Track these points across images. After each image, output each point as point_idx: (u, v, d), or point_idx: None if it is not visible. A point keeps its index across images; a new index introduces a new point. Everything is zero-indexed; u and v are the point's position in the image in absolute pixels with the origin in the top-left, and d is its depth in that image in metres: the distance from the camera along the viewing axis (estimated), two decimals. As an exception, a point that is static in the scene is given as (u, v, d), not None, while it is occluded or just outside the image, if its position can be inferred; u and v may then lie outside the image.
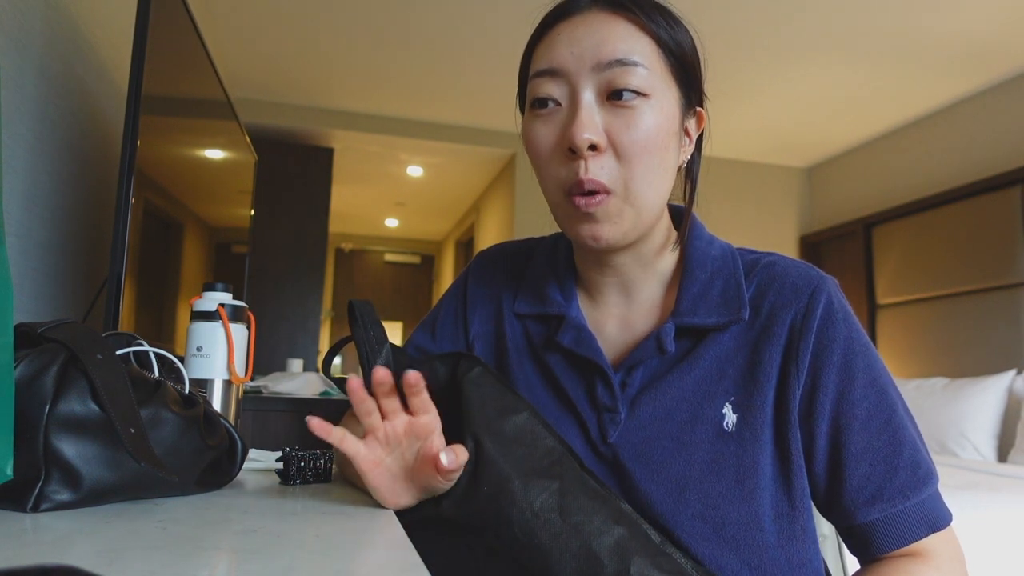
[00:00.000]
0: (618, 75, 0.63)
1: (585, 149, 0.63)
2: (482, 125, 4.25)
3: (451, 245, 6.55)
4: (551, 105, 0.66)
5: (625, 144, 0.63)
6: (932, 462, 0.67)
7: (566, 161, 0.65)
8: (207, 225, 1.58)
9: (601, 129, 0.63)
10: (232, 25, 3.12)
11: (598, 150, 0.64)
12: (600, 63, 0.63)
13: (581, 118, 0.63)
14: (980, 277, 3.32)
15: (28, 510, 0.52)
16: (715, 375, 0.68)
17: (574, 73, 0.64)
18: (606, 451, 0.70)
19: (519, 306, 0.78)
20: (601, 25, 0.65)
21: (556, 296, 0.76)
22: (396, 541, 0.51)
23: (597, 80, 0.64)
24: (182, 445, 0.63)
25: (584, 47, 0.64)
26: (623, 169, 0.64)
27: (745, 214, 4.49)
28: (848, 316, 0.68)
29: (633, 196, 0.65)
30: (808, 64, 3.29)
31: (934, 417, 3.02)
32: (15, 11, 1.04)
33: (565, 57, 0.65)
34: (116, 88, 1.49)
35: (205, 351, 0.86)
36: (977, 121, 3.52)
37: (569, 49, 0.65)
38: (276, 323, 3.87)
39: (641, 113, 0.64)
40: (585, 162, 0.63)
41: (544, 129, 0.67)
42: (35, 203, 1.12)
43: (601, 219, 0.65)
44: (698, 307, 0.69)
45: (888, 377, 0.67)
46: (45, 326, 0.59)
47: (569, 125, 0.64)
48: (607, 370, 0.70)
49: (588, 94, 0.64)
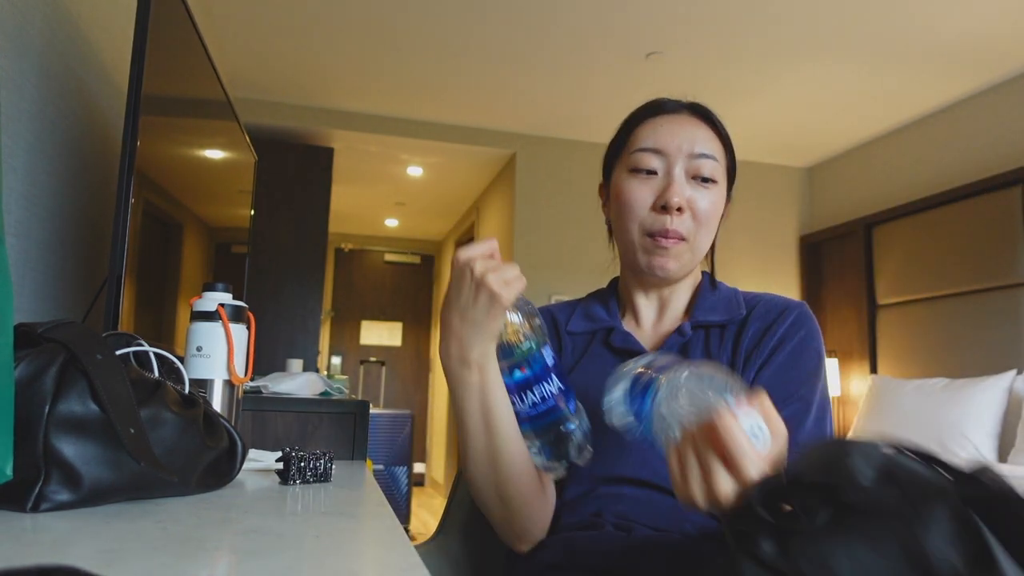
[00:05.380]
0: (703, 164, 0.89)
1: (675, 209, 0.87)
2: (482, 125, 4.25)
3: (451, 245, 6.55)
4: (651, 172, 0.90)
5: (699, 212, 0.89)
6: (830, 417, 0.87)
7: (656, 214, 0.89)
8: (207, 225, 1.58)
9: (685, 197, 0.88)
10: (232, 25, 3.12)
11: (681, 212, 0.88)
12: (693, 153, 0.89)
13: (676, 188, 0.88)
14: (980, 277, 3.32)
15: (28, 510, 0.52)
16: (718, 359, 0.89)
17: (673, 155, 0.89)
18: None
19: (572, 326, 0.99)
20: (694, 128, 0.91)
21: (603, 316, 0.98)
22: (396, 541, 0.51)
23: (687, 164, 0.89)
24: (182, 445, 0.63)
25: (682, 139, 0.90)
26: (695, 228, 0.89)
27: (745, 214, 4.48)
28: (812, 327, 0.89)
29: (696, 247, 0.90)
30: (808, 64, 3.29)
31: (934, 417, 3.02)
32: (15, 11, 1.04)
33: (668, 142, 0.90)
34: (116, 88, 1.49)
35: (205, 351, 0.86)
36: (977, 121, 3.52)
37: (671, 138, 0.90)
38: (276, 323, 3.87)
39: (712, 193, 0.90)
40: (671, 218, 0.87)
41: (643, 189, 0.90)
42: (35, 203, 1.12)
43: (672, 256, 0.89)
44: (709, 313, 0.93)
45: (822, 380, 0.87)
46: (45, 326, 0.59)
47: (667, 189, 0.88)
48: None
49: (680, 171, 0.89)
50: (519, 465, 0.81)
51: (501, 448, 0.80)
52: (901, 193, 3.89)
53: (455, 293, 0.75)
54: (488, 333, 0.75)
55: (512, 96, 3.78)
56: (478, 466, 0.82)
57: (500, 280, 0.73)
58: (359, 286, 6.97)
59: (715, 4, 2.81)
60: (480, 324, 0.74)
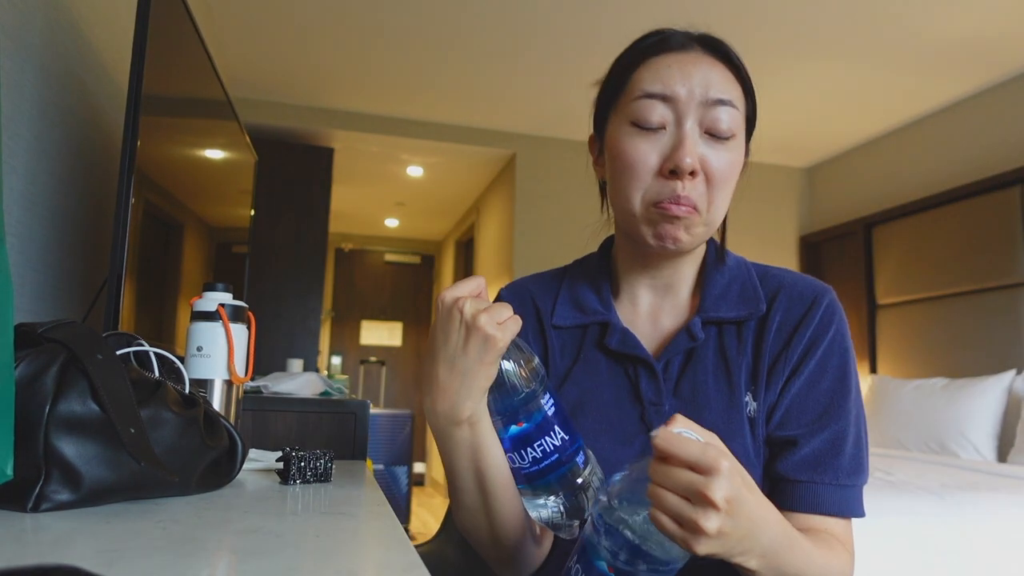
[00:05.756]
0: (721, 114, 0.73)
1: (687, 173, 0.72)
2: (482, 125, 4.25)
3: (451, 245, 6.55)
4: (657, 126, 0.74)
5: (715, 173, 0.74)
6: (866, 462, 0.76)
7: (663, 180, 0.73)
8: (207, 225, 1.58)
9: (698, 157, 0.73)
10: (232, 25, 3.12)
11: (694, 176, 0.73)
12: (708, 99, 0.73)
13: (688, 145, 0.72)
14: (980, 277, 3.32)
15: (28, 510, 0.52)
16: (736, 365, 0.77)
17: (684, 102, 0.73)
18: None
19: (558, 319, 0.84)
20: (708, 67, 0.75)
21: (596, 306, 0.84)
22: (396, 541, 0.51)
23: (701, 114, 0.73)
24: (182, 445, 0.63)
25: (694, 82, 0.74)
26: (709, 194, 0.74)
27: (745, 214, 4.47)
28: (840, 322, 0.78)
29: (710, 217, 0.75)
30: (808, 64, 3.29)
31: (934, 417, 3.02)
32: (15, 11, 1.04)
33: (677, 86, 0.74)
34: (116, 88, 1.49)
35: (205, 351, 0.86)
36: (977, 121, 3.52)
37: (681, 80, 0.74)
38: (276, 323, 3.87)
39: (730, 148, 0.75)
40: (683, 183, 0.72)
41: (647, 146, 0.74)
42: (35, 203, 1.12)
43: (681, 226, 0.74)
44: (720, 304, 0.79)
45: (854, 380, 0.77)
46: (45, 326, 0.59)
47: (677, 149, 0.72)
48: (652, 363, 0.78)
49: (692, 123, 0.73)
50: (515, 520, 0.74)
51: (495, 508, 0.72)
52: (901, 193, 3.89)
53: (442, 339, 0.65)
54: (481, 384, 0.65)
55: (512, 96, 3.78)
56: (470, 518, 0.75)
57: (494, 321, 0.64)
58: (359, 286, 6.97)
59: (715, 4, 2.81)
60: (472, 373, 0.64)
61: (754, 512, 0.57)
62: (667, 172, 0.73)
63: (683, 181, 0.72)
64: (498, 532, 0.74)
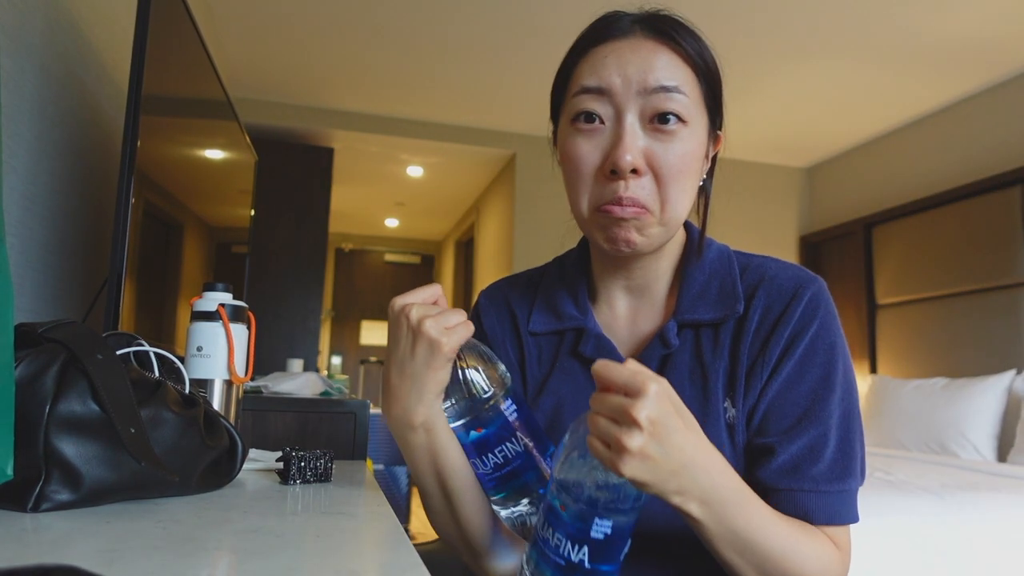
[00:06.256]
0: (662, 101, 0.67)
1: (628, 172, 0.67)
2: (482, 125, 4.25)
3: (451, 245, 6.55)
4: (596, 122, 0.70)
5: (664, 169, 0.68)
6: (860, 463, 0.70)
7: (605, 180, 0.69)
8: (207, 225, 1.58)
9: (642, 152, 0.68)
10: (232, 25, 3.12)
11: (638, 173, 0.68)
12: (646, 88, 0.68)
13: (626, 142, 0.67)
14: (980, 277, 3.32)
15: (28, 510, 0.52)
16: (713, 370, 0.73)
17: (621, 95, 0.68)
18: None
19: (534, 325, 0.82)
20: (649, 52, 0.69)
21: (571, 311, 0.80)
22: (396, 541, 0.51)
23: (642, 104, 0.68)
24: (182, 445, 0.63)
25: (631, 71, 0.68)
26: (660, 191, 0.69)
27: (745, 214, 4.48)
28: (826, 316, 0.72)
29: (666, 216, 0.70)
30: (808, 64, 3.29)
31: (934, 417, 3.02)
32: (15, 11, 1.04)
33: (613, 78, 0.69)
34: (116, 88, 1.49)
35: (205, 351, 0.86)
36: (977, 121, 3.52)
37: (618, 71, 0.69)
38: (276, 323, 3.87)
39: (680, 139, 0.68)
40: (626, 183, 0.67)
41: (587, 146, 0.70)
42: (35, 203, 1.12)
43: (632, 228, 0.69)
44: (697, 305, 0.75)
45: (841, 378, 0.70)
46: (45, 326, 0.59)
47: (615, 147, 0.68)
48: None
49: (632, 117, 0.68)
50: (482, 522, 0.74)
51: (461, 510, 0.72)
52: (901, 193, 3.89)
53: (392, 344, 0.67)
54: (430, 389, 0.65)
55: (512, 96, 3.77)
56: (439, 520, 0.75)
57: (440, 326, 0.64)
58: (359, 286, 6.97)
59: (715, 4, 2.81)
60: (420, 378, 0.65)
61: (687, 445, 0.55)
62: (608, 172, 0.68)
63: (625, 181, 0.67)
64: (467, 533, 0.74)
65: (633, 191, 0.68)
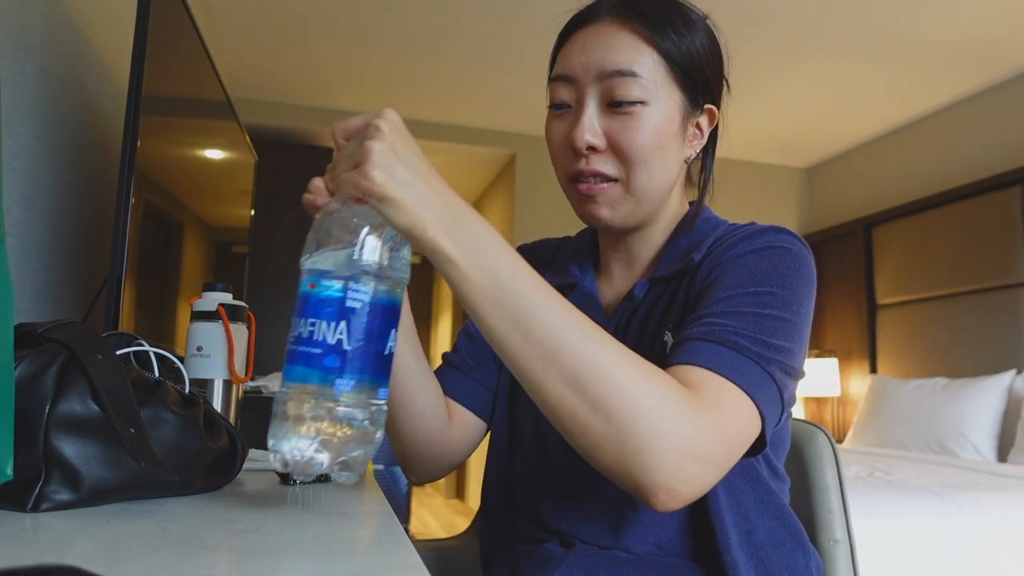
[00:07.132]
0: (617, 84, 0.71)
1: (584, 150, 0.72)
2: (482, 125, 4.25)
3: (451, 245, 6.56)
4: (565, 107, 0.75)
5: (623, 146, 0.72)
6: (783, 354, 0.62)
7: (572, 156, 0.74)
8: (207, 225, 1.58)
9: (600, 132, 0.72)
10: (232, 25, 3.12)
11: (597, 151, 0.73)
12: (603, 72, 0.72)
13: (583, 123, 0.72)
14: (980, 277, 3.32)
15: (28, 510, 0.52)
16: (666, 314, 0.75)
17: (581, 81, 0.73)
18: None
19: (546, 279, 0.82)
20: (609, 36, 0.72)
21: (574, 270, 0.86)
22: (396, 541, 0.51)
23: (600, 88, 0.72)
24: (182, 445, 0.63)
25: (591, 57, 0.72)
26: (626, 167, 0.73)
27: (745, 214, 4.46)
28: (776, 242, 0.69)
29: (633, 187, 0.73)
30: (808, 64, 3.29)
31: (934, 417, 3.02)
32: (15, 11, 1.04)
33: (575, 65, 0.74)
34: (116, 88, 1.49)
35: (205, 351, 0.86)
36: (977, 121, 3.52)
37: (579, 58, 0.73)
38: (276, 323, 3.86)
39: (638, 118, 0.71)
40: (587, 159, 0.73)
41: (559, 127, 0.76)
42: (35, 203, 1.12)
43: (601, 203, 0.75)
44: (670, 265, 0.77)
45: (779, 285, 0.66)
46: (45, 326, 0.59)
47: (574, 127, 0.73)
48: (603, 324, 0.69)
49: (592, 100, 0.73)
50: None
51: None
52: (901, 193, 3.89)
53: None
54: None
55: (512, 96, 3.77)
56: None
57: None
58: (359, 286, 6.97)
59: (714, 4, 2.81)
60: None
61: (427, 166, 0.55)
62: (570, 150, 0.74)
63: (586, 158, 0.73)
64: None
65: (594, 164, 0.73)
